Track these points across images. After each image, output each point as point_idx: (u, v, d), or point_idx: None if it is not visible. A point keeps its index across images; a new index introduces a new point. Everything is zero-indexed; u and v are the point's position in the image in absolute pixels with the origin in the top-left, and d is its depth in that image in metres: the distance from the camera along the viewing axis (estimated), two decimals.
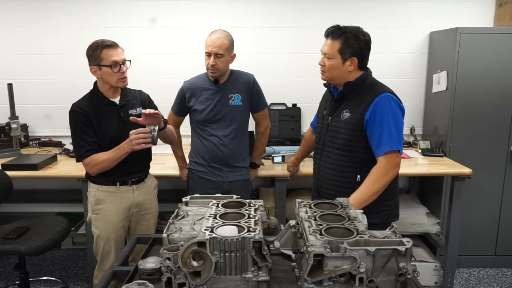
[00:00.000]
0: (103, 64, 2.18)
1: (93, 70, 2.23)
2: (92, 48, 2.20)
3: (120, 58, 2.21)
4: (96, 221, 2.36)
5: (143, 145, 2.13)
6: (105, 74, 2.21)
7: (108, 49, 2.18)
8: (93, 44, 2.20)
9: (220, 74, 2.54)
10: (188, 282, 1.23)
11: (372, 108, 2.00)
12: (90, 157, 2.22)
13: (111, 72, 2.19)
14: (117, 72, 2.20)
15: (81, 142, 2.22)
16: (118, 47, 2.23)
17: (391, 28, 3.60)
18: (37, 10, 3.50)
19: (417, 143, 3.53)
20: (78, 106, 2.23)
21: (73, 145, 2.30)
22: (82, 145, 2.22)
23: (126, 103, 2.32)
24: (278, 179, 2.92)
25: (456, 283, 3.27)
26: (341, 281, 1.19)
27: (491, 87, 3.20)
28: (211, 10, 3.54)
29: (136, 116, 2.28)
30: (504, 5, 3.46)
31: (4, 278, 3.34)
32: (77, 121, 2.22)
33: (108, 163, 2.21)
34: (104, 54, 2.18)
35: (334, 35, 2.05)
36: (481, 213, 3.38)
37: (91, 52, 2.20)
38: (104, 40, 2.21)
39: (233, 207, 1.49)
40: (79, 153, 2.25)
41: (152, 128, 2.15)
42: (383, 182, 1.99)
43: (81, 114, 2.21)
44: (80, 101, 2.28)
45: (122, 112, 2.29)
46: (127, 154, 2.19)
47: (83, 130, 2.21)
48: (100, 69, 2.20)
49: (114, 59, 2.18)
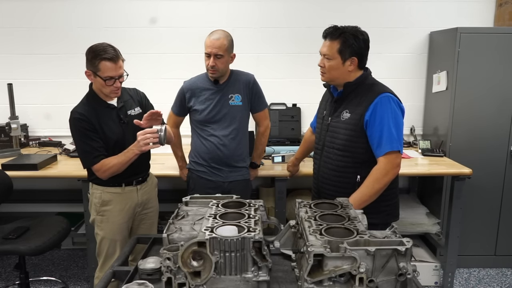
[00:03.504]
0: (99, 75, 2.13)
1: (88, 74, 2.17)
2: (91, 54, 2.12)
3: (117, 73, 2.14)
4: (101, 222, 2.34)
5: (151, 145, 2.10)
6: (98, 83, 2.17)
7: (107, 62, 2.10)
8: (94, 50, 2.12)
9: (220, 74, 2.54)
10: (188, 282, 1.23)
11: (372, 109, 2.00)
12: (100, 162, 2.18)
13: (104, 85, 2.15)
14: (110, 86, 2.15)
15: (88, 148, 2.17)
16: (118, 61, 2.13)
17: (391, 28, 3.60)
18: (37, 10, 3.50)
19: (417, 143, 3.53)
20: (78, 112, 2.17)
21: (79, 152, 2.25)
22: (90, 151, 2.17)
23: (124, 104, 2.30)
24: (278, 179, 2.92)
25: (456, 283, 3.27)
26: (341, 281, 1.19)
27: (491, 87, 3.21)
28: (211, 10, 3.54)
29: (135, 116, 2.28)
30: (504, 5, 3.46)
31: (4, 278, 3.34)
32: (80, 128, 2.16)
33: (119, 167, 2.19)
34: (102, 66, 2.10)
35: (333, 36, 2.04)
36: (481, 213, 3.38)
37: (90, 57, 2.13)
38: (106, 49, 2.11)
39: (233, 207, 1.50)
40: (87, 160, 2.20)
41: (159, 128, 2.11)
42: (383, 183, 2.00)
43: (83, 120, 2.16)
44: (79, 107, 2.22)
45: (121, 114, 2.27)
46: (137, 156, 2.17)
47: (89, 136, 2.17)
48: (94, 76, 2.15)
49: (110, 74, 2.12)
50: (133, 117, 2.29)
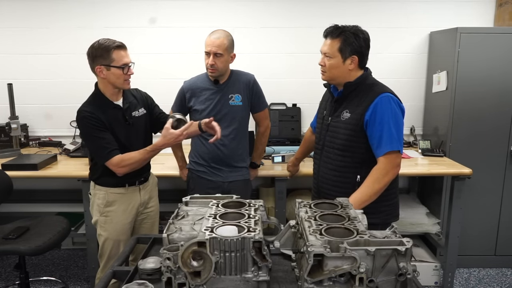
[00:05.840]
0: (114, 65, 2.12)
1: (99, 70, 2.14)
2: (100, 49, 2.12)
3: (130, 60, 2.18)
4: (105, 223, 2.32)
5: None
6: (112, 75, 2.15)
7: (119, 50, 2.13)
8: (102, 44, 2.12)
9: (220, 74, 2.54)
10: (188, 282, 1.23)
11: (372, 109, 2.00)
12: (119, 156, 2.15)
13: (120, 74, 2.14)
14: (125, 74, 2.16)
15: (103, 143, 2.14)
16: (126, 48, 2.18)
17: (391, 28, 3.60)
18: (37, 10, 3.50)
19: (417, 143, 3.53)
20: (87, 111, 2.15)
21: (93, 150, 2.22)
22: (106, 146, 2.14)
23: (129, 105, 2.29)
24: (278, 179, 2.92)
25: (456, 283, 3.27)
26: (341, 281, 1.19)
27: (491, 87, 3.20)
28: (211, 10, 3.54)
29: (139, 117, 2.30)
30: (504, 5, 3.46)
31: (4, 278, 3.34)
32: (91, 125, 2.14)
33: (139, 163, 2.19)
34: (115, 55, 2.11)
35: (333, 35, 2.05)
36: (481, 213, 3.38)
37: (101, 52, 2.11)
38: (112, 40, 2.14)
39: (233, 207, 1.49)
40: (103, 154, 2.15)
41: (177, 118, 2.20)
42: (383, 183, 1.99)
43: (93, 118, 2.13)
44: (86, 105, 2.19)
45: (127, 114, 2.26)
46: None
47: (101, 131, 2.14)
48: (108, 69, 2.13)
49: (125, 61, 2.15)
50: (137, 118, 2.30)
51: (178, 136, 2.12)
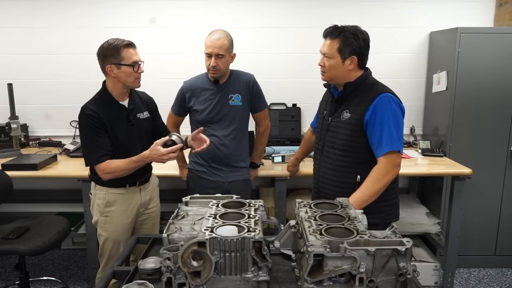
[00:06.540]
0: (124, 63, 2.13)
1: (110, 69, 2.15)
2: (110, 48, 2.13)
3: (139, 58, 2.19)
4: (105, 223, 2.32)
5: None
6: (122, 74, 2.16)
7: (129, 49, 2.15)
8: (111, 44, 2.14)
9: (221, 74, 2.54)
10: (188, 282, 1.23)
11: (372, 109, 2.00)
12: (105, 162, 2.16)
13: (130, 72, 2.15)
14: (136, 72, 2.17)
15: (96, 146, 2.15)
16: (136, 47, 2.20)
17: (391, 28, 3.60)
18: (37, 10, 3.50)
19: (417, 143, 3.53)
20: (91, 109, 2.15)
21: (84, 149, 2.22)
22: (97, 149, 2.15)
23: (134, 106, 2.30)
24: (278, 179, 2.92)
25: (456, 283, 3.27)
26: (341, 281, 1.19)
27: (491, 87, 3.20)
28: (211, 10, 3.54)
29: (143, 120, 2.31)
30: (504, 5, 3.46)
31: (4, 278, 3.34)
32: (90, 125, 2.14)
33: (124, 172, 2.18)
34: (125, 54, 2.13)
35: (333, 35, 2.05)
36: (481, 213, 3.38)
37: (110, 51, 2.12)
38: (122, 39, 2.16)
39: (233, 207, 1.49)
40: (92, 158, 2.17)
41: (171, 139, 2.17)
42: (383, 183, 1.99)
43: (94, 117, 2.14)
44: (91, 103, 2.19)
45: (131, 115, 2.26)
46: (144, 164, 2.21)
47: (97, 133, 2.15)
48: (118, 68, 2.14)
49: (135, 59, 2.16)
50: (141, 120, 2.31)
51: (162, 155, 2.11)
